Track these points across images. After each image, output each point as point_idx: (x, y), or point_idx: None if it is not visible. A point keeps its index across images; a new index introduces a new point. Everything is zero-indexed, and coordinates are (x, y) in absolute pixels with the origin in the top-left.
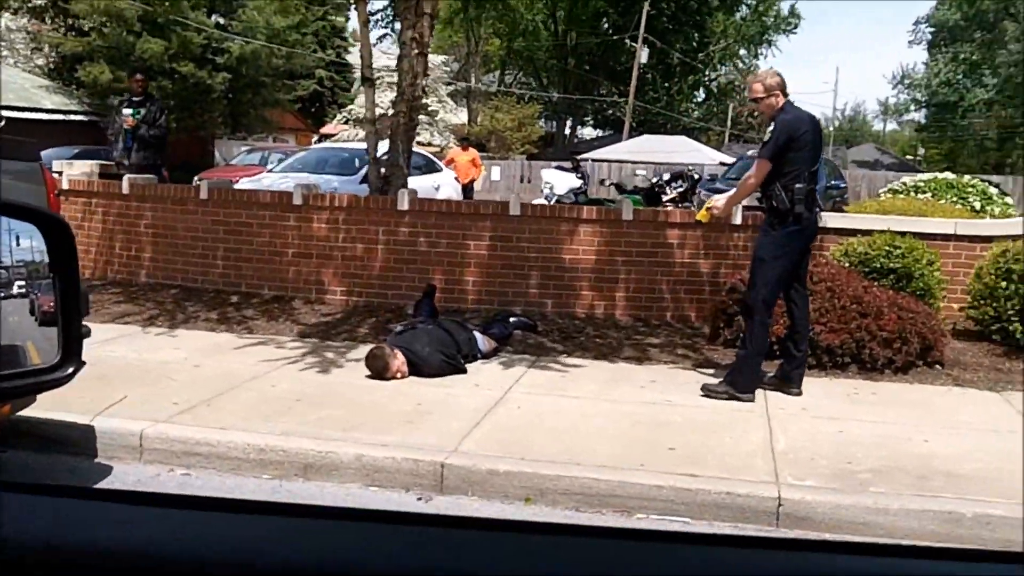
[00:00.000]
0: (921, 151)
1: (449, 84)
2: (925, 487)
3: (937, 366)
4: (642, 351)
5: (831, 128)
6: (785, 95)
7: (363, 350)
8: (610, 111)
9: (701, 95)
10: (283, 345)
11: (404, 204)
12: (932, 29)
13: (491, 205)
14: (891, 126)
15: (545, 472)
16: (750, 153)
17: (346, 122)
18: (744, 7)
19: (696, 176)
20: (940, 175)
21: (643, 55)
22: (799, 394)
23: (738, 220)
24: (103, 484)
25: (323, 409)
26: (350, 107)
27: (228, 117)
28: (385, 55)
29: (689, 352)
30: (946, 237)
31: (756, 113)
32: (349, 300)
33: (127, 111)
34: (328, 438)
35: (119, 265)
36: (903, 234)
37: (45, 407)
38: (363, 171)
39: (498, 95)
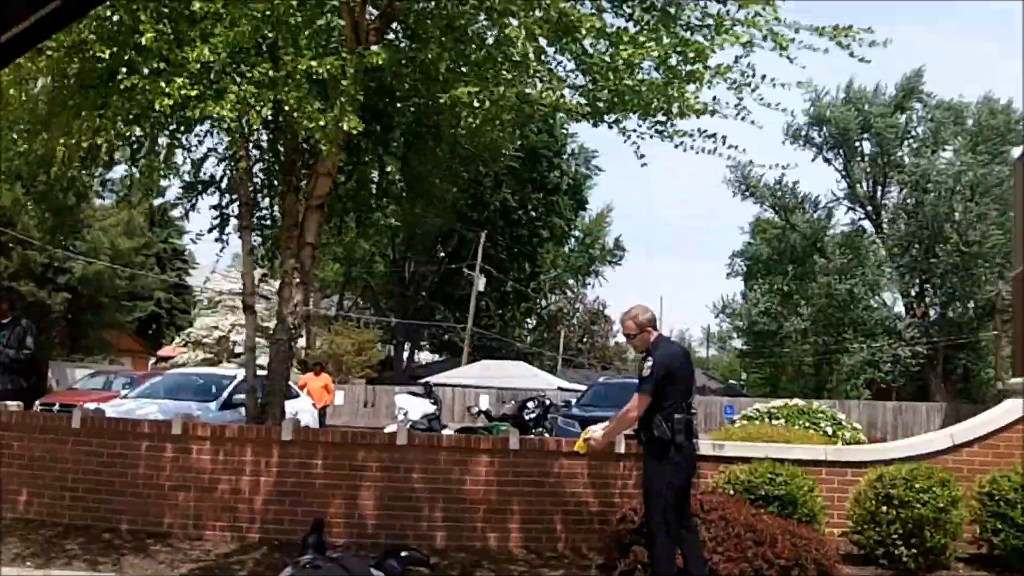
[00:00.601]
0: (743, 376)
1: None
2: None
3: None
4: None
5: None
6: (656, 330)
7: None
8: (446, 336)
9: (533, 322)
10: None
11: (288, 434)
12: (747, 261)
13: (376, 435)
14: (713, 351)
15: None
16: (601, 380)
17: (184, 345)
18: (572, 240)
19: (547, 402)
20: (791, 401)
21: (480, 283)
22: None
23: (621, 449)
24: None
25: None
26: (188, 330)
27: (66, 339)
28: (226, 279)
29: None
30: (818, 463)
31: (627, 345)
32: (231, 536)
33: None
34: None
35: None
36: (781, 461)
37: None
38: (222, 397)
39: (337, 319)
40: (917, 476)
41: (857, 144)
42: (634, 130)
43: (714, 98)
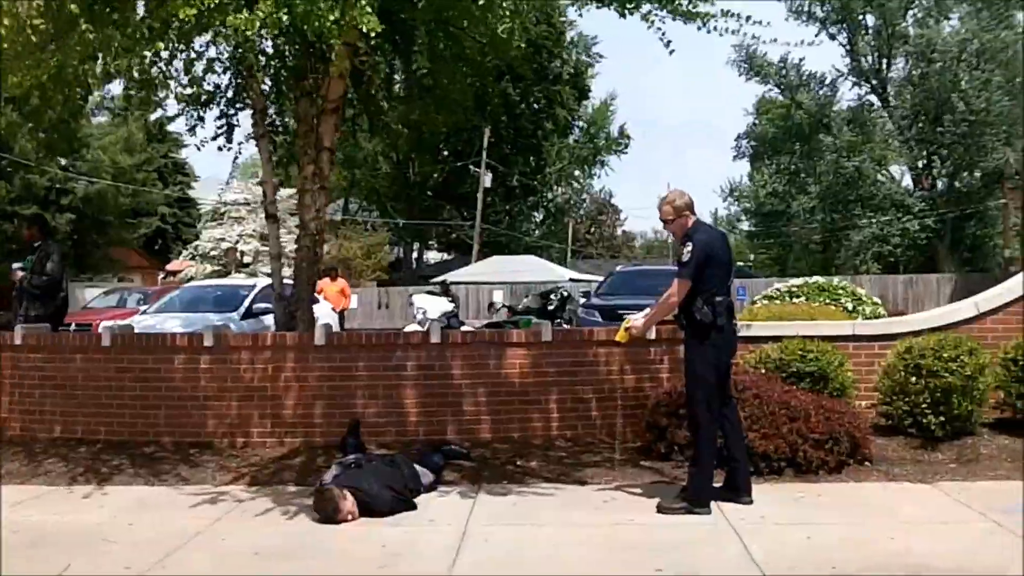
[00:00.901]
0: (751, 257)
1: (294, 214)
2: None
3: (867, 463)
4: (581, 471)
5: (669, 241)
6: (694, 214)
7: (300, 493)
8: (454, 234)
9: (540, 215)
10: (216, 495)
11: (321, 339)
12: (753, 143)
13: (411, 335)
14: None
15: None
16: (619, 268)
17: (192, 258)
18: (576, 130)
19: (565, 293)
20: (811, 279)
21: (487, 179)
22: (750, 502)
23: (652, 335)
24: None
25: (288, 561)
26: (195, 243)
27: (73, 259)
28: (228, 190)
29: (627, 468)
30: (845, 338)
31: (665, 233)
32: (273, 442)
33: (16, 266)
34: None
35: (19, 421)
36: (810, 338)
37: None
38: (243, 307)
39: (344, 223)
40: (945, 346)
41: (860, 17)
42: (657, 14)
43: None
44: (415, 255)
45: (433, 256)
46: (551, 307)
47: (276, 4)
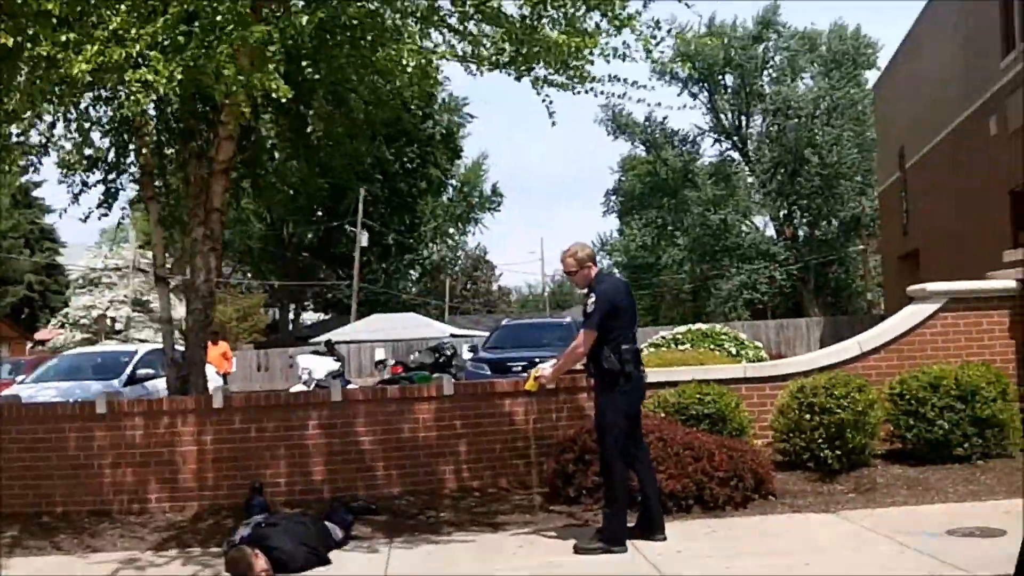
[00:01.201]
0: None
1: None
2: None
3: (771, 497)
4: (493, 519)
5: (544, 294)
6: (596, 265)
7: (209, 555)
8: (330, 294)
9: (416, 273)
10: (124, 561)
11: (219, 402)
12: (621, 199)
13: (310, 394)
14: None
15: None
16: (504, 322)
17: (61, 326)
18: (450, 189)
19: (451, 349)
20: (693, 326)
21: (363, 239)
22: (664, 539)
23: (551, 385)
24: None
25: None
26: (64, 311)
27: None
28: (98, 258)
29: (538, 514)
30: (738, 381)
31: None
32: (175, 507)
33: None
34: None
35: None
36: (705, 381)
37: None
38: (125, 373)
39: (218, 286)
40: (836, 384)
41: (720, 77)
42: (545, 80)
43: (624, 43)
44: (291, 316)
45: (309, 317)
46: (441, 361)
47: (170, 63)
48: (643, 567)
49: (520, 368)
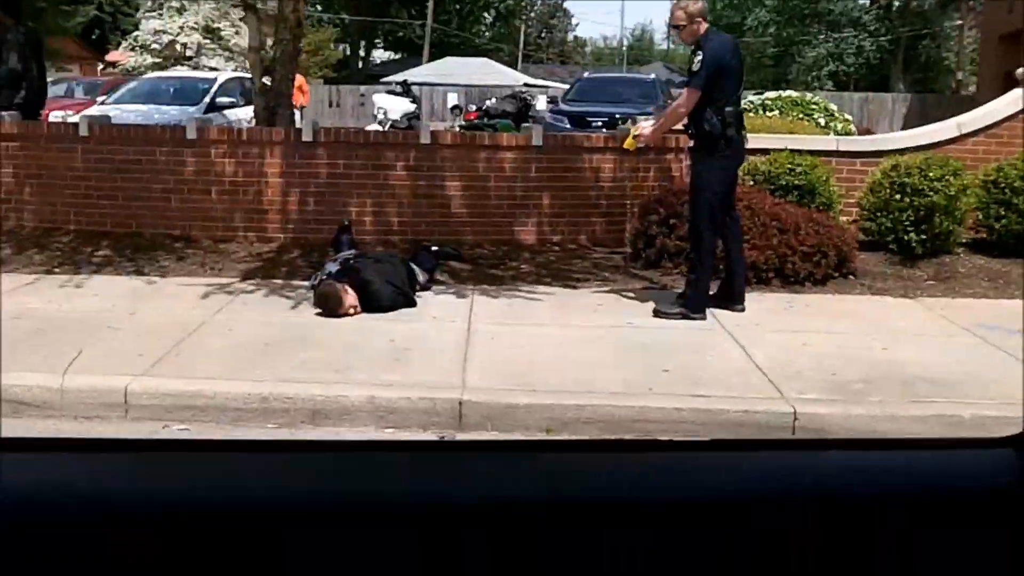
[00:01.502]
0: None
1: (236, 6)
2: (915, 394)
3: (851, 277)
4: (572, 276)
5: (622, 48)
6: (706, 21)
7: (295, 287)
8: (402, 32)
9: (490, 16)
10: (212, 287)
11: (308, 135)
12: None
13: (400, 135)
14: (673, 45)
15: (566, 403)
16: (586, 75)
17: (132, 49)
18: None
19: (527, 98)
20: (784, 93)
21: None
22: (743, 310)
23: (651, 144)
24: None
25: (300, 352)
26: (135, 33)
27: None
28: None
29: (617, 274)
30: (829, 153)
31: (675, 38)
32: (259, 239)
33: None
34: (330, 381)
35: None
36: (798, 152)
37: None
38: (205, 100)
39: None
40: (932, 165)
41: None
42: None
43: None
44: (362, 53)
45: (380, 55)
46: (522, 110)
47: None
48: (722, 337)
49: (600, 124)
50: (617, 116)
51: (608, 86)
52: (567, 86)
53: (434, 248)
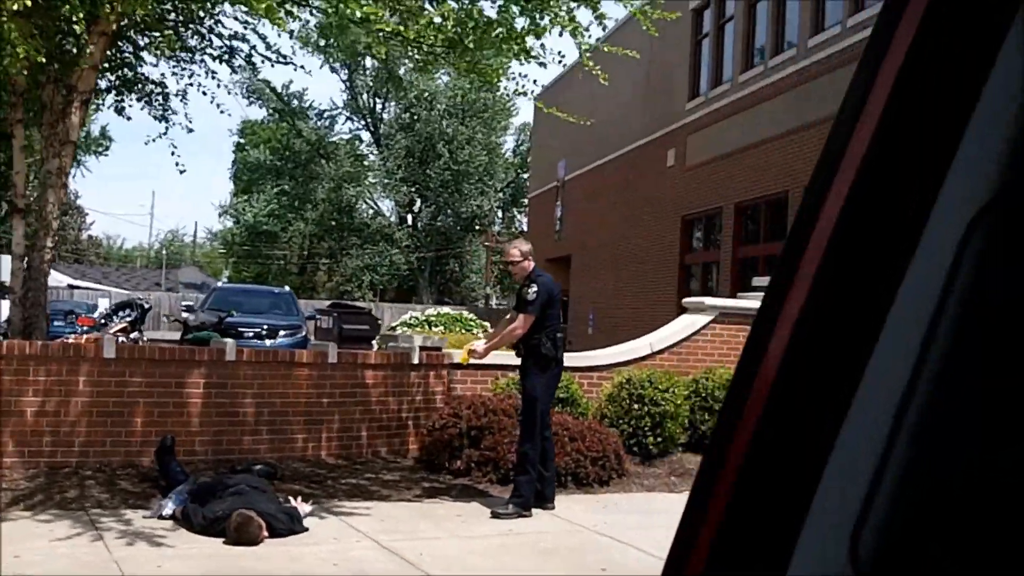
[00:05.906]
0: (227, 272)
1: None
2: None
3: (623, 477)
4: (406, 490)
5: (152, 252)
6: (534, 260)
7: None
8: None
9: None
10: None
11: (111, 352)
12: (251, 168)
13: (205, 351)
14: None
15: None
16: (219, 285)
17: None
18: None
19: (146, 305)
20: (442, 309)
21: None
22: (553, 507)
23: (415, 360)
24: None
25: None
26: None
27: None
28: None
29: (440, 485)
30: (571, 368)
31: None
32: (39, 463)
33: None
34: None
35: None
36: None
37: None
38: None
39: None
40: (658, 379)
41: (360, 58)
42: None
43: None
44: None
45: None
46: (126, 317)
47: None
48: (589, 534)
49: (252, 335)
50: (265, 326)
51: (245, 297)
52: (122, 291)
53: (257, 466)
